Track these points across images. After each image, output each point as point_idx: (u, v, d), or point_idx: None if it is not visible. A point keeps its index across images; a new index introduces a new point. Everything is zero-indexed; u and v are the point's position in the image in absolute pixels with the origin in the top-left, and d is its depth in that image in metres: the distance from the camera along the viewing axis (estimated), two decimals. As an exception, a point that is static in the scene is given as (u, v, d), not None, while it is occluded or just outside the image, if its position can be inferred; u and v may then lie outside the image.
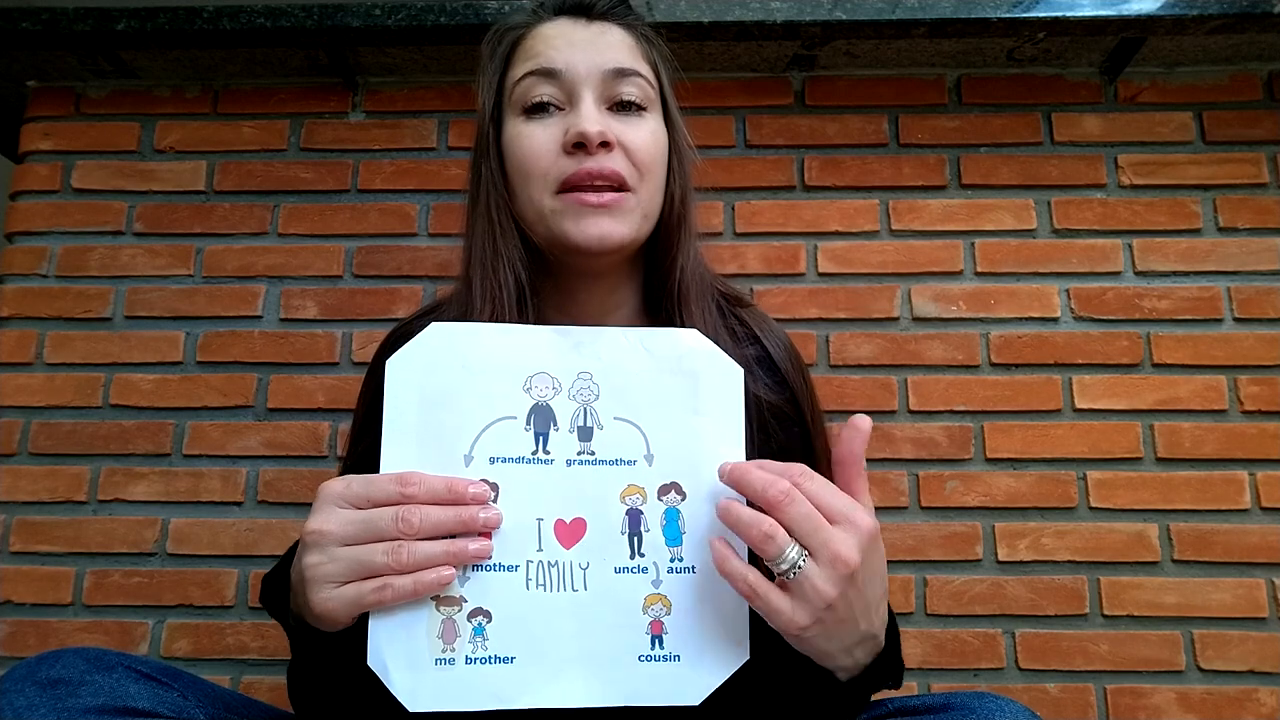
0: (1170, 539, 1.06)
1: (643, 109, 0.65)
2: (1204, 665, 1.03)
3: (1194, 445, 1.08)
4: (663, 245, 0.68)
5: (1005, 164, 1.17)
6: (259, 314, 1.15)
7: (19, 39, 1.13)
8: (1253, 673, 1.03)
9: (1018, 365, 1.12)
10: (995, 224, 1.15)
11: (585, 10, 0.67)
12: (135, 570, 1.08)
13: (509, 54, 0.67)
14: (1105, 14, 1.06)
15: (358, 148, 1.20)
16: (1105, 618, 1.05)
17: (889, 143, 1.18)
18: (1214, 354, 1.10)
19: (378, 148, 1.20)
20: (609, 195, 0.62)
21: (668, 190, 0.67)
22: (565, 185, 0.62)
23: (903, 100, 1.19)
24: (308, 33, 1.11)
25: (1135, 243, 1.14)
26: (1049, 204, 1.15)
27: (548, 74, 0.63)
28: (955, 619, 1.06)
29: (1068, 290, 1.13)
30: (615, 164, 0.62)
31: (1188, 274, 1.13)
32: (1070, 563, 1.06)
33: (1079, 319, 1.13)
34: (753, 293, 1.14)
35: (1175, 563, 1.06)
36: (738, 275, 1.15)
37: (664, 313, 0.68)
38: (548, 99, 0.63)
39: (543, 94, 0.63)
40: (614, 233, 0.62)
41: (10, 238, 1.19)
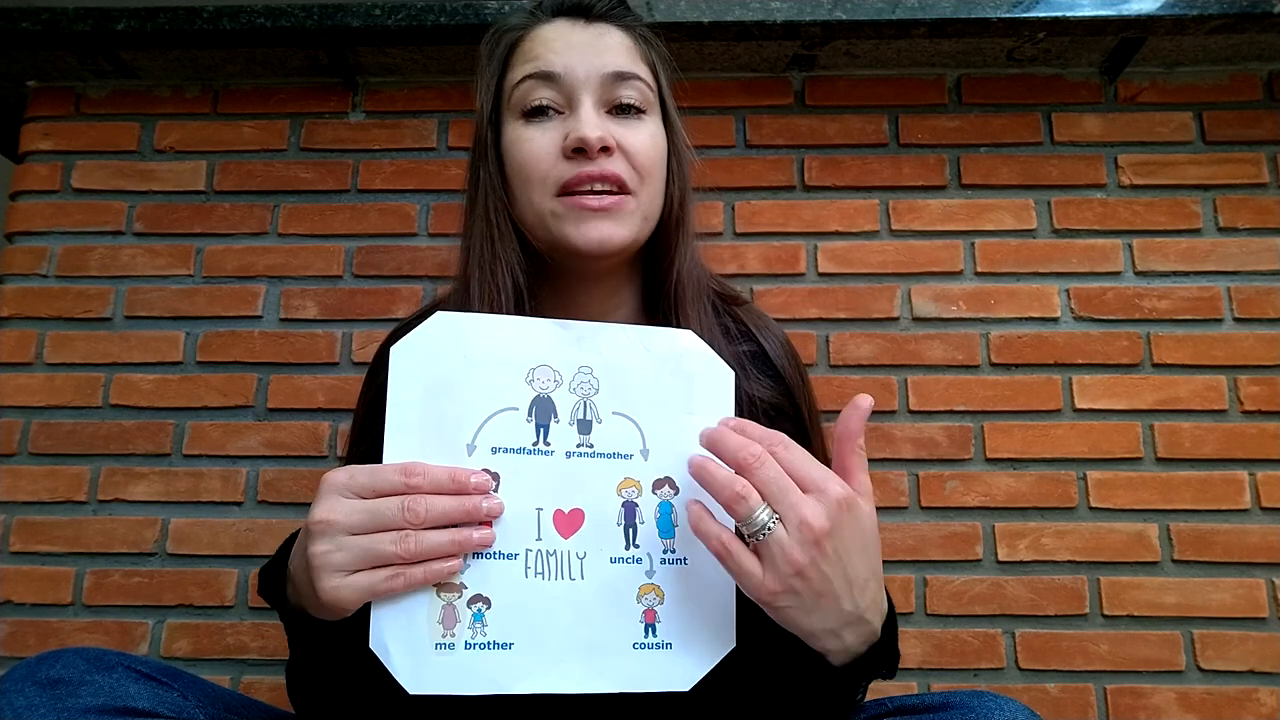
0: (1170, 539, 1.06)
1: (642, 112, 0.65)
2: (1204, 665, 1.03)
3: (1194, 445, 1.09)
4: (661, 247, 0.68)
5: (1005, 164, 1.17)
6: (259, 314, 1.15)
7: (19, 39, 1.13)
8: (1253, 673, 1.03)
9: (1018, 365, 1.12)
10: (995, 224, 1.15)
11: (584, 11, 0.66)
12: (135, 570, 1.09)
13: (507, 56, 0.67)
14: (1105, 14, 1.06)
15: (358, 148, 1.20)
16: (1105, 618, 1.05)
17: (889, 143, 1.18)
18: (1214, 354, 1.10)
19: (378, 148, 1.20)
20: (609, 199, 0.62)
21: (667, 192, 0.67)
22: (565, 189, 0.62)
23: (903, 100, 1.19)
24: (308, 33, 1.11)
25: (1135, 243, 1.14)
26: (1049, 204, 1.15)
27: (546, 77, 0.63)
28: (955, 619, 1.06)
29: (1068, 290, 1.13)
30: (615, 168, 0.62)
31: (1188, 274, 1.13)
32: (1070, 563, 1.06)
33: (1079, 319, 1.13)
34: (753, 293, 1.14)
35: (1175, 563, 1.06)
36: (738, 275, 1.15)
37: (660, 314, 0.68)
38: (547, 102, 0.63)
39: (542, 97, 0.63)
40: (614, 235, 0.62)
41: (10, 238, 1.19)
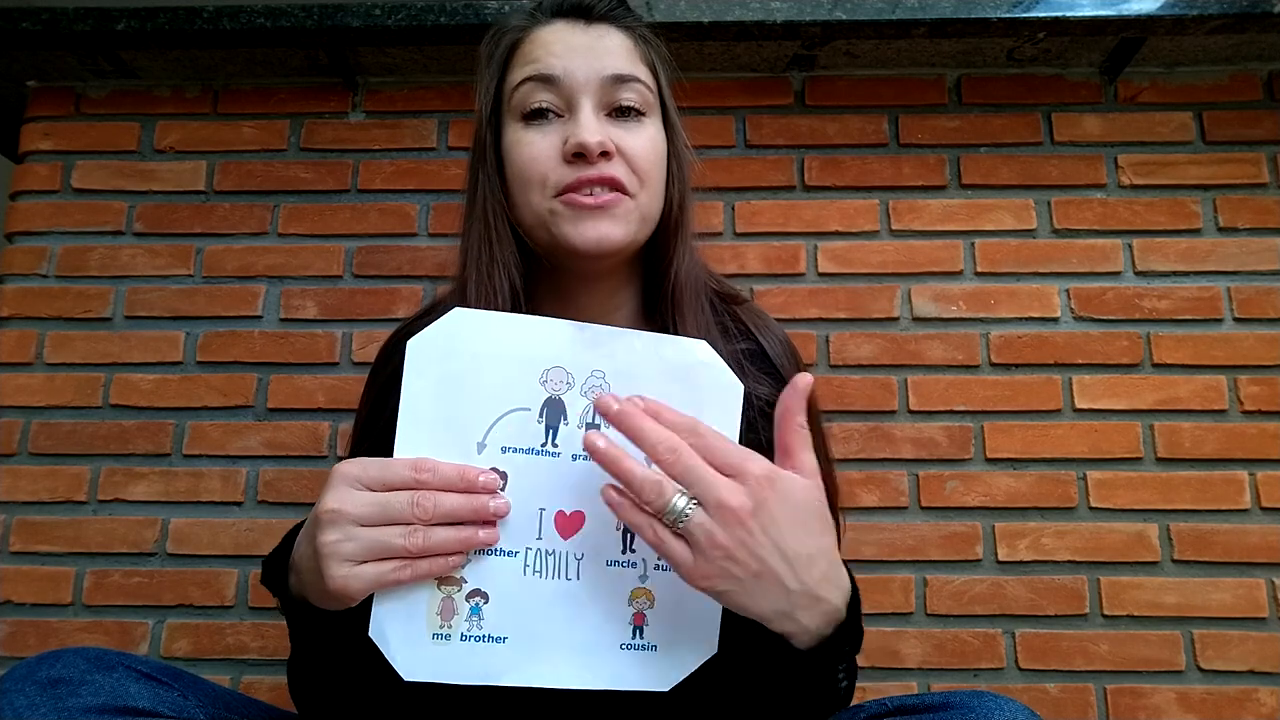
0: (1170, 539, 1.06)
1: (642, 114, 0.65)
2: (1204, 665, 1.03)
3: (1194, 445, 1.08)
4: (660, 248, 0.68)
5: (1005, 164, 1.17)
6: (259, 314, 1.15)
7: (19, 39, 1.13)
8: (1253, 673, 1.03)
9: (1018, 365, 1.12)
10: (995, 224, 1.15)
11: (584, 12, 0.66)
12: (135, 570, 1.09)
13: (506, 58, 0.67)
14: (1105, 14, 1.06)
15: (358, 148, 1.20)
16: (1105, 618, 1.05)
17: (889, 143, 1.18)
18: (1214, 354, 1.10)
19: (378, 148, 1.20)
20: (606, 195, 0.61)
21: (667, 194, 0.67)
22: (563, 191, 0.62)
23: (903, 100, 1.19)
24: (308, 33, 1.11)
25: (1135, 243, 1.14)
26: (1049, 204, 1.15)
27: (546, 80, 0.63)
28: (955, 619, 1.06)
29: (1068, 290, 1.13)
30: (615, 171, 0.62)
31: (1188, 274, 1.13)
32: (1070, 563, 1.06)
33: (1079, 319, 1.13)
34: (753, 293, 1.14)
35: (1175, 563, 1.06)
36: (738, 275, 1.15)
37: (659, 315, 0.68)
38: (546, 105, 0.63)
39: (541, 100, 0.63)
40: (612, 234, 0.62)
41: (10, 238, 1.19)
